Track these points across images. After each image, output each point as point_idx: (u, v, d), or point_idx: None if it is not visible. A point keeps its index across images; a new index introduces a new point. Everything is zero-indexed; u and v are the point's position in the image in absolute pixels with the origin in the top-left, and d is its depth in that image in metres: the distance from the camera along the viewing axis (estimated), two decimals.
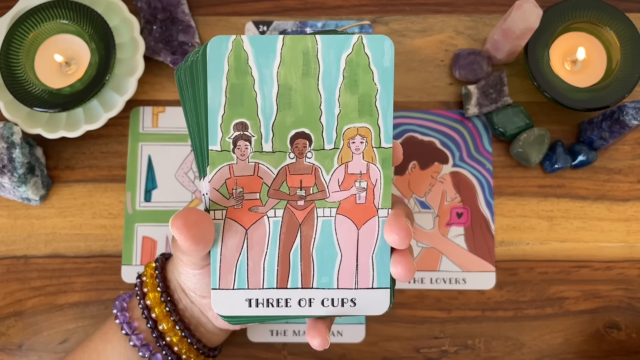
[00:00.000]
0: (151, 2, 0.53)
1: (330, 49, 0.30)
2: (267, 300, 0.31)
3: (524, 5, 0.46)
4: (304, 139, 0.31)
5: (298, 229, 0.31)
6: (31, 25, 0.50)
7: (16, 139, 0.48)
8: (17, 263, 0.51)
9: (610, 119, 0.48)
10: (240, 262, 0.31)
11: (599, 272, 0.50)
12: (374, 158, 0.31)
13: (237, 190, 0.31)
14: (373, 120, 0.30)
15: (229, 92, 0.30)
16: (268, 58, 0.30)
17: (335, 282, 0.31)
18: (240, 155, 0.31)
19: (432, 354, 0.49)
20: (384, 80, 0.30)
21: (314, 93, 0.30)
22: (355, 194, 0.31)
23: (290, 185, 0.31)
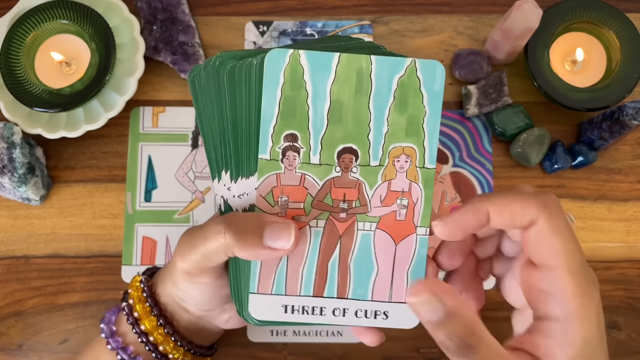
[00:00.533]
0: (151, 2, 0.53)
1: (384, 70, 0.31)
2: (303, 308, 0.32)
3: (524, 6, 0.46)
4: (351, 154, 0.32)
5: (338, 241, 0.32)
6: (31, 25, 0.50)
7: (16, 139, 0.48)
8: (17, 263, 0.51)
9: (610, 119, 0.48)
10: (280, 268, 0.32)
11: (599, 272, 0.50)
12: (416, 177, 0.32)
13: (283, 199, 0.32)
14: (419, 141, 0.32)
15: (282, 104, 0.31)
16: (323, 74, 0.31)
17: (370, 294, 0.32)
18: (288, 165, 0.32)
19: (432, 354, 0.49)
20: (433, 103, 0.31)
21: (364, 111, 0.31)
22: (396, 211, 0.32)
23: (334, 198, 0.32)
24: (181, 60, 0.52)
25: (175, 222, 0.51)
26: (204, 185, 0.51)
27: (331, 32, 0.54)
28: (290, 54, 0.31)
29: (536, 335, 0.29)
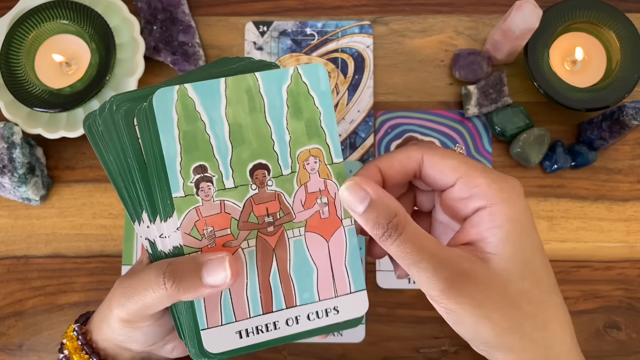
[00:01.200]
0: (151, 3, 0.53)
1: (271, 83, 0.32)
2: (257, 328, 0.33)
3: (523, 6, 0.46)
4: (263, 169, 0.33)
5: (272, 254, 0.33)
6: (31, 25, 0.50)
7: (16, 139, 0.48)
8: (17, 263, 0.51)
9: (610, 119, 0.48)
10: (224, 297, 0.32)
11: (598, 272, 0.50)
12: (329, 174, 0.33)
13: (208, 230, 0.32)
14: (322, 140, 0.33)
15: (182, 139, 0.31)
16: (214, 101, 0.32)
17: (316, 295, 0.33)
18: (205, 196, 0.32)
19: (432, 353, 0.49)
20: (324, 103, 0.33)
21: (263, 126, 0.32)
22: (319, 210, 0.33)
23: (258, 215, 0.33)
24: (181, 60, 0.52)
25: None
26: None
27: (331, 32, 0.54)
28: (177, 90, 0.31)
29: (468, 227, 0.31)
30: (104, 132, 0.32)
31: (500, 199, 0.30)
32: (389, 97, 0.53)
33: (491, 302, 0.29)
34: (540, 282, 0.31)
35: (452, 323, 0.30)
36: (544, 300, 0.30)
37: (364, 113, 0.52)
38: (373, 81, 0.53)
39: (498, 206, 0.30)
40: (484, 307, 0.29)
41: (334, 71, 0.53)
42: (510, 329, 0.29)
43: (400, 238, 0.29)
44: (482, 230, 0.30)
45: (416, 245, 0.29)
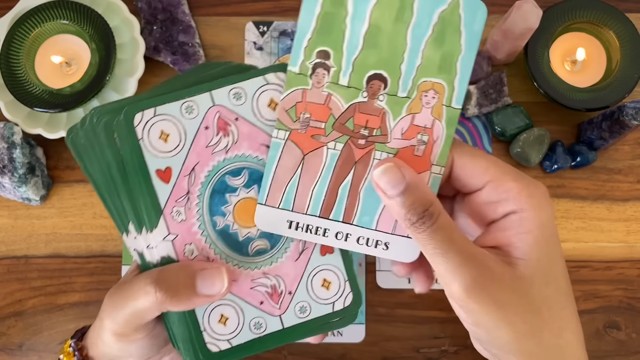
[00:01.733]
0: (151, 3, 0.53)
1: (427, 2, 0.30)
2: (307, 226, 0.32)
3: (523, 6, 0.46)
4: (380, 81, 0.31)
5: (353, 166, 0.32)
6: (32, 25, 0.50)
7: (17, 139, 0.48)
8: (17, 263, 0.51)
9: (610, 119, 0.48)
10: (291, 184, 0.32)
11: (598, 272, 0.50)
12: (441, 115, 0.31)
13: (305, 116, 0.31)
14: (450, 79, 0.31)
15: (320, 19, 0.30)
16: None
17: (374, 223, 0.32)
18: (317, 82, 0.31)
19: (432, 354, 0.49)
20: (470, 43, 0.31)
21: (401, 39, 0.30)
22: (415, 146, 0.31)
23: (356, 123, 0.31)
24: (181, 60, 0.52)
25: None
26: None
27: None
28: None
29: (495, 231, 0.31)
30: (86, 145, 0.32)
31: (531, 205, 0.30)
32: None
33: (513, 305, 0.29)
34: (561, 289, 0.30)
35: (470, 323, 0.30)
36: (563, 307, 0.30)
37: None
38: None
39: (529, 212, 0.30)
40: (506, 309, 0.29)
41: None
42: (529, 334, 0.29)
43: (434, 226, 0.29)
44: (511, 235, 0.30)
45: (448, 236, 0.29)
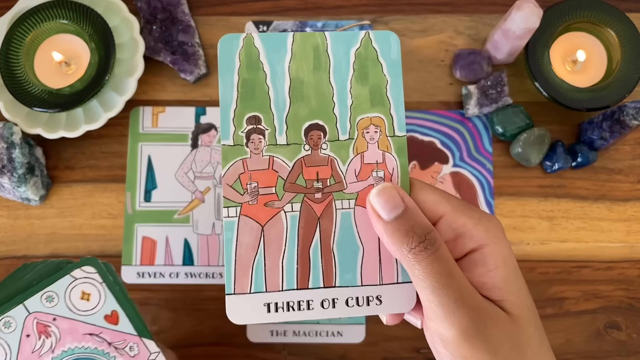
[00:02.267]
0: (151, 2, 0.53)
1: (339, 44, 0.31)
2: (288, 304, 0.29)
3: (524, 6, 0.46)
4: (319, 131, 0.30)
5: (317, 223, 0.30)
6: (31, 25, 0.50)
7: (16, 139, 0.48)
8: (17, 263, 0.51)
9: (611, 119, 0.48)
10: (257, 262, 0.29)
11: (599, 272, 0.50)
12: (389, 147, 0.31)
13: (252, 185, 0.30)
14: (385, 110, 0.31)
15: (240, 87, 0.30)
16: (279, 53, 0.30)
17: (359, 278, 0.30)
18: (254, 149, 0.30)
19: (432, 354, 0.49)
20: (393, 71, 0.31)
21: (325, 86, 0.30)
22: (373, 184, 0.30)
23: (307, 178, 0.30)
24: (181, 60, 0.52)
25: (175, 222, 0.51)
26: (204, 185, 0.51)
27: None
28: (244, 37, 0.30)
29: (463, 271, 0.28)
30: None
31: (489, 240, 0.28)
32: None
33: (505, 350, 0.27)
34: (538, 325, 0.29)
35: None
36: (540, 344, 0.29)
37: None
38: None
39: (489, 247, 0.28)
40: (498, 355, 0.27)
41: None
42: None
43: (436, 253, 0.27)
44: (480, 274, 0.28)
45: (449, 267, 0.27)
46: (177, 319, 0.50)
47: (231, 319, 0.29)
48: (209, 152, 0.52)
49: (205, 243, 0.51)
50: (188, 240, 0.51)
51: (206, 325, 0.50)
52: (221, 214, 0.50)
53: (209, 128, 0.52)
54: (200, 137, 0.52)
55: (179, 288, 0.50)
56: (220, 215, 0.51)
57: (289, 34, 0.31)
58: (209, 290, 0.50)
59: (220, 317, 0.50)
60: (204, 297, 0.50)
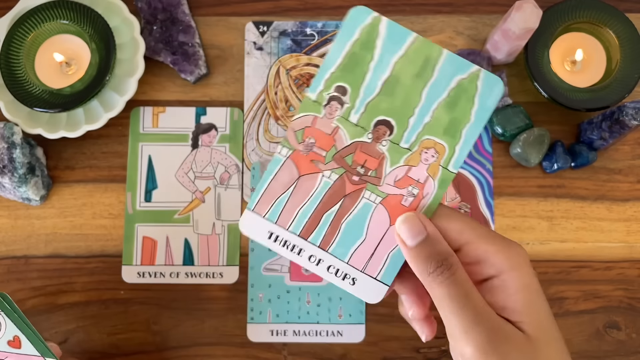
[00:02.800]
0: (151, 3, 0.53)
1: (449, 66, 0.32)
2: (285, 242, 0.33)
3: (523, 6, 0.46)
4: (387, 128, 0.32)
5: (342, 199, 0.33)
6: (31, 25, 0.50)
7: (16, 139, 0.48)
8: (17, 263, 0.51)
9: (610, 119, 0.48)
10: (281, 199, 0.33)
11: (598, 272, 0.50)
12: (436, 174, 0.32)
13: (310, 140, 0.33)
14: (453, 143, 0.32)
15: (347, 57, 0.32)
16: (394, 46, 0.32)
17: (348, 256, 0.33)
18: (328, 113, 0.33)
19: (432, 354, 0.49)
20: (481, 115, 0.32)
21: (416, 95, 0.32)
22: (404, 196, 0.33)
23: (355, 160, 0.33)
24: (181, 60, 0.52)
25: (176, 222, 0.51)
26: (204, 185, 0.51)
27: (331, 32, 0.54)
28: (374, 16, 0.32)
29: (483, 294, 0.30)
30: None
31: (510, 267, 0.30)
32: None
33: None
34: (560, 349, 0.30)
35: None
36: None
37: None
38: None
39: (509, 274, 0.30)
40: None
41: None
42: None
43: (452, 277, 0.29)
44: (500, 299, 0.30)
45: (465, 290, 0.29)
46: (177, 318, 0.50)
47: (240, 228, 0.33)
48: (209, 152, 0.52)
49: (206, 243, 0.51)
50: (188, 240, 0.51)
51: (206, 325, 0.50)
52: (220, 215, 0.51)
53: (209, 128, 0.52)
54: (201, 137, 0.52)
55: (179, 288, 0.50)
56: (220, 216, 0.51)
57: (413, 34, 0.32)
58: (209, 290, 0.50)
59: (220, 316, 0.50)
60: (204, 297, 0.50)
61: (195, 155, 0.52)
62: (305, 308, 0.49)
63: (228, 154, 0.52)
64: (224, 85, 0.53)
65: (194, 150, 0.52)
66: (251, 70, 0.53)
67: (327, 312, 0.49)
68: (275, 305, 0.49)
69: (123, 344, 0.49)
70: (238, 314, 0.50)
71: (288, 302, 0.49)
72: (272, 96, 0.53)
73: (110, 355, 0.49)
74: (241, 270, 0.50)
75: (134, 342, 0.50)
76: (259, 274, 0.50)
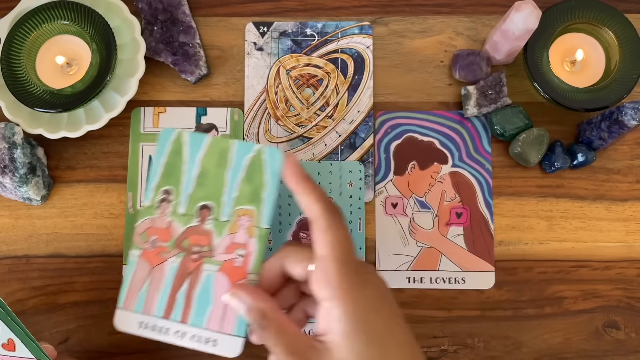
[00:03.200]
0: (152, 3, 0.53)
1: (239, 151, 0.40)
2: (154, 326, 0.40)
3: (523, 6, 0.46)
4: (207, 209, 0.40)
5: (187, 276, 0.40)
6: (32, 26, 0.50)
7: (17, 139, 0.48)
8: (18, 263, 0.51)
9: (609, 119, 0.48)
10: (142, 291, 0.40)
11: (597, 271, 0.50)
12: (253, 234, 0.40)
13: (153, 238, 0.41)
14: (259, 207, 0.40)
15: (165, 167, 0.41)
16: (196, 148, 0.41)
17: (205, 323, 0.40)
18: (161, 212, 0.41)
19: (432, 353, 0.49)
20: (272, 180, 0.40)
21: (222, 179, 0.40)
22: (235, 258, 0.40)
23: (190, 242, 0.40)
24: (182, 60, 0.52)
25: None
26: None
27: (331, 33, 0.54)
28: (177, 132, 0.41)
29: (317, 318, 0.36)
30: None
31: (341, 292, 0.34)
32: (388, 97, 0.53)
33: None
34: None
35: None
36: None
37: (364, 113, 0.52)
38: (373, 82, 0.53)
39: (336, 301, 0.34)
40: None
41: (334, 72, 0.53)
42: None
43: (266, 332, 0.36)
44: (324, 323, 0.35)
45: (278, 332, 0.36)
46: None
47: (115, 325, 0.40)
48: None
49: None
50: None
51: None
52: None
53: (209, 128, 0.52)
54: None
55: None
56: None
57: (208, 136, 0.41)
58: None
59: None
60: None
61: None
62: None
63: None
64: (225, 85, 0.53)
65: None
66: (251, 71, 0.53)
67: None
68: None
69: (124, 343, 0.49)
70: None
71: None
72: (273, 96, 0.53)
73: (111, 354, 0.50)
74: None
75: (134, 341, 0.49)
76: None
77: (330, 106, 0.53)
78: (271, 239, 0.50)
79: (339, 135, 0.52)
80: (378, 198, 0.51)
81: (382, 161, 0.52)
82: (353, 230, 0.50)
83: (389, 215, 0.51)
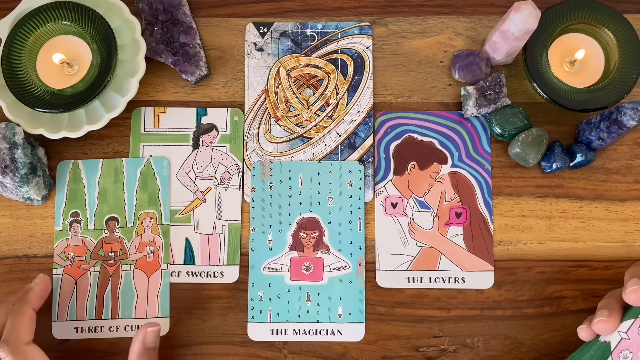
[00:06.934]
0: (152, 4, 0.53)
1: (131, 166, 0.50)
2: (89, 328, 0.49)
3: (522, 7, 0.46)
4: (114, 221, 0.50)
5: (109, 279, 0.49)
6: (33, 26, 0.50)
7: (18, 139, 0.48)
8: (19, 263, 0.51)
9: (608, 119, 0.48)
10: (71, 302, 0.49)
11: (597, 271, 0.50)
12: (158, 231, 0.50)
13: (71, 255, 0.49)
14: (157, 208, 0.50)
15: (68, 194, 0.50)
16: (93, 171, 0.50)
17: (133, 313, 0.49)
18: (74, 232, 0.50)
19: (431, 352, 0.49)
20: (164, 183, 0.50)
21: (121, 192, 0.50)
22: (146, 255, 0.49)
23: (105, 251, 0.49)
24: (182, 61, 0.52)
25: (177, 222, 0.51)
26: (205, 185, 0.52)
27: (331, 33, 0.54)
28: (73, 162, 0.50)
29: None
30: None
31: None
32: (388, 97, 0.53)
33: None
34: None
35: None
36: None
37: (364, 114, 0.53)
38: (372, 82, 0.53)
39: None
40: None
41: (333, 72, 0.53)
42: None
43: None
44: None
45: None
46: (178, 317, 0.50)
47: (54, 334, 0.49)
48: (209, 153, 0.52)
49: (206, 242, 0.51)
50: (189, 239, 0.51)
51: (207, 324, 0.50)
52: (221, 214, 0.52)
53: (210, 128, 0.53)
54: (202, 138, 0.52)
55: (180, 287, 0.50)
56: (221, 215, 0.51)
57: (100, 160, 0.50)
58: (210, 289, 0.50)
59: (221, 315, 0.50)
60: (205, 296, 0.50)
61: (196, 156, 0.52)
62: (305, 307, 0.50)
63: (229, 154, 0.52)
64: (225, 85, 0.53)
65: (194, 151, 0.52)
66: (252, 71, 0.53)
67: (327, 311, 0.50)
68: (275, 304, 0.50)
69: (124, 342, 0.50)
70: (238, 313, 0.50)
71: (288, 301, 0.50)
72: (273, 97, 0.53)
73: (112, 353, 0.50)
74: (242, 269, 0.51)
75: None
76: (260, 273, 0.50)
77: (330, 106, 0.53)
78: (271, 239, 0.50)
79: (339, 135, 0.52)
80: (378, 198, 0.51)
81: (382, 161, 0.52)
82: (353, 230, 0.51)
83: (388, 215, 0.51)
